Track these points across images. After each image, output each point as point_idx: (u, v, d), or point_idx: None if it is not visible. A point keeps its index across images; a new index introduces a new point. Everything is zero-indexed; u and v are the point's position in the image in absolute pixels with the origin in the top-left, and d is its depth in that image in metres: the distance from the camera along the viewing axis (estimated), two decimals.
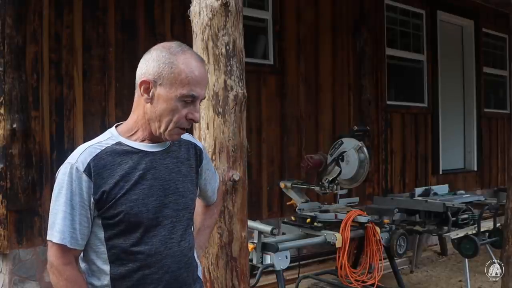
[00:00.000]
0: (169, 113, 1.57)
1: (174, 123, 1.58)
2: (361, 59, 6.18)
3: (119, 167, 1.57)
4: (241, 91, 2.33)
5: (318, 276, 4.70)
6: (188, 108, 1.58)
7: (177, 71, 1.56)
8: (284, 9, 5.48)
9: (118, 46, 4.28)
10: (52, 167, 3.93)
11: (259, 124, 5.24)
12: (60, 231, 1.53)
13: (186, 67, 1.56)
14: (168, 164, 1.66)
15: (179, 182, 1.66)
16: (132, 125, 1.65)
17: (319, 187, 4.32)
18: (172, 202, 1.63)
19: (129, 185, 1.56)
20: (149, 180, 1.59)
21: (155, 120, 1.59)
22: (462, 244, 4.47)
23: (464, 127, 8.08)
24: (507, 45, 8.78)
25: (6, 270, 3.78)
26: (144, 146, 1.63)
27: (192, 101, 1.58)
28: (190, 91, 1.56)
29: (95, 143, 1.60)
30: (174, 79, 1.55)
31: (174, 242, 1.63)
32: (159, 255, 1.59)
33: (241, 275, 2.37)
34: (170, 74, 1.56)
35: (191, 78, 1.56)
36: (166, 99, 1.56)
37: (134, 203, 1.55)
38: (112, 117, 4.18)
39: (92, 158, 1.55)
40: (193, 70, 1.57)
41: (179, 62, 1.57)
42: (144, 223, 1.57)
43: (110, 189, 1.54)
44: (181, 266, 1.64)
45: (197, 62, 1.61)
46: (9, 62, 3.71)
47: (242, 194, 2.36)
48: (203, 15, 2.30)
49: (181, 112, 1.58)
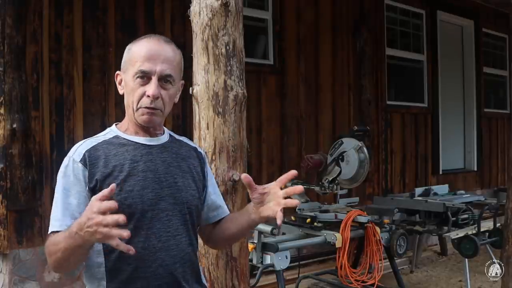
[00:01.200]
0: (130, 94, 1.62)
1: (136, 102, 1.60)
2: (361, 59, 6.18)
3: (114, 157, 1.59)
4: (241, 91, 2.33)
5: (318, 276, 4.70)
6: (145, 86, 1.60)
7: (131, 53, 1.63)
8: (284, 9, 5.48)
9: (118, 46, 4.28)
10: (52, 167, 3.93)
11: (259, 124, 5.24)
12: (58, 219, 1.53)
13: (137, 47, 1.62)
14: (166, 158, 1.66)
15: (178, 177, 1.66)
16: (125, 121, 1.69)
17: (319, 187, 4.32)
18: (168, 196, 1.62)
19: (123, 175, 1.57)
20: (144, 172, 1.60)
21: (128, 107, 1.64)
22: (462, 244, 4.47)
23: (464, 127, 8.08)
24: (507, 45, 8.77)
25: (6, 270, 3.78)
26: (141, 140, 1.65)
27: (148, 77, 1.59)
28: (140, 67, 1.58)
29: (92, 138, 1.66)
30: (129, 61, 1.62)
31: (170, 236, 1.61)
32: (153, 248, 1.58)
33: (241, 275, 2.37)
34: (127, 58, 1.63)
35: (140, 55, 1.59)
36: (127, 82, 1.63)
37: (128, 194, 1.56)
38: (112, 117, 4.18)
39: (88, 149, 1.59)
40: (143, 48, 1.61)
41: (134, 46, 1.64)
42: (138, 215, 1.57)
43: (103, 178, 1.55)
44: (176, 261, 1.62)
45: (152, 41, 1.63)
46: (9, 62, 3.70)
47: (242, 194, 2.36)
48: (203, 15, 2.30)
49: (138, 90, 1.60)
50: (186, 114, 4.39)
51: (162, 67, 1.60)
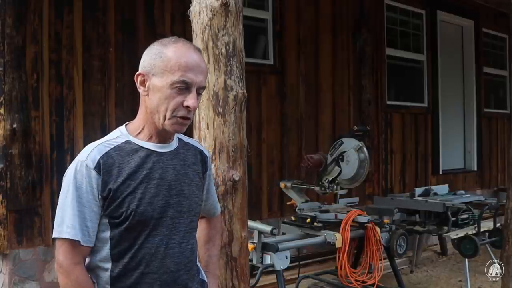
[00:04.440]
0: (164, 102, 1.58)
1: (170, 111, 1.58)
2: (361, 59, 6.18)
3: (127, 165, 1.58)
4: (241, 91, 2.33)
5: (318, 276, 4.69)
6: (183, 96, 1.58)
7: (166, 59, 1.58)
8: (284, 9, 5.48)
9: (118, 46, 4.28)
10: (52, 167, 3.93)
11: (259, 124, 5.24)
12: (72, 227, 1.53)
13: (175, 54, 1.58)
14: (175, 165, 1.66)
15: (184, 185, 1.67)
16: (139, 123, 1.66)
17: (319, 187, 4.32)
18: (176, 203, 1.63)
19: (135, 183, 1.57)
20: (156, 180, 1.60)
21: (154, 112, 1.60)
22: (462, 244, 4.47)
23: (464, 127, 8.08)
24: (507, 45, 8.78)
25: (6, 270, 3.78)
26: (153, 146, 1.64)
27: (187, 88, 1.58)
28: (181, 77, 1.56)
29: (104, 141, 1.62)
30: (164, 67, 1.58)
31: (175, 243, 1.63)
32: (158, 254, 1.59)
33: (241, 275, 2.37)
34: (160, 63, 1.58)
35: (181, 65, 1.56)
36: (159, 88, 1.58)
37: (140, 202, 1.56)
38: (112, 117, 4.18)
39: (101, 155, 1.57)
40: (182, 56, 1.58)
41: (168, 50, 1.59)
42: (149, 222, 1.57)
43: (117, 187, 1.55)
44: (180, 268, 1.64)
45: (188, 49, 1.61)
46: (9, 62, 3.71)
47: (242, 194, 2.36)
48: (203, 15, 2.30)
49: (176, 99, 1.57)
50: None
51: (200, 78, 1.60)
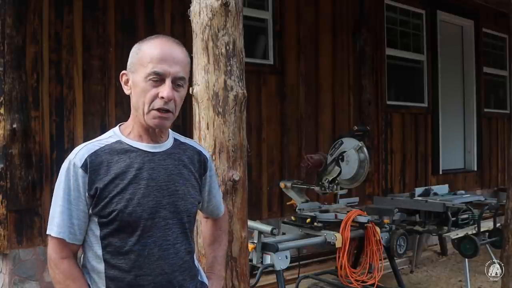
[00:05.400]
0: (141, 96, 1.59)
1: (148, 104, 1.58)
2: (361, 59, 6.18)
3: (116, 165, 1.57)
4: (241, 91, 2.33)
5: (318, 276, 4.69)
6: (158, 88, 1.58)
7: (141, 53, 1.60)
8: (284, 9, 5.48)
9: (118, 46, 4.28)
10: (52, 167, 3.93)
11: (259, 124, 5.24)
12: (58, 225, 1.54)
13: (148, 48, 1.60)
14: (168, 165, 1.65)
15: (179, 185, 1.65)
16: (129, 122, 1.68)
17: (319, 187, 4.31)
18: (169, 204, 1.61)
19: (124, 184, 1.56)
20: (145, 180, 1.58)
21: (136, 108, 1.62)
22: (462, 244, 4.47)
23: (464, 127, 8.08)
24: (507, 45, 8.78)
25: (6, 270, 3.78)
26: (145, 146, 1.63)
27: (161, 79, 1.58)
28: (153, 69, 1.56)
29: (95, 141, 1.63)
30: (139, 62, 1.60)
31: (169, 244, 1.61)
32: (152, 256, 1.58)
33: (241, 275, 2.37)
34: (137, 59, 1.61)
35: (153, 57, 1.57)
36: (137, 83, 1.60)
37: (129, 202, 1.55)
38: (112, 117, 4.18)
39: (89, 154, 1.57)
40: (155, 49, 1.58)
41: (145, 46, 1.61)
42: (138, 223, 1.56)
43: (104, 186, 1.54)
44: (175, 269, 1.62)
45: (164, 42, 1.61)
46: (9, 62, 3.71)
47: (242, 194, 2.36)
48: (203, 15, 2.30)
49: (150, 91, 1.58)
50: (186, 114, 4.39)
51: (176, 69, 1.59)
